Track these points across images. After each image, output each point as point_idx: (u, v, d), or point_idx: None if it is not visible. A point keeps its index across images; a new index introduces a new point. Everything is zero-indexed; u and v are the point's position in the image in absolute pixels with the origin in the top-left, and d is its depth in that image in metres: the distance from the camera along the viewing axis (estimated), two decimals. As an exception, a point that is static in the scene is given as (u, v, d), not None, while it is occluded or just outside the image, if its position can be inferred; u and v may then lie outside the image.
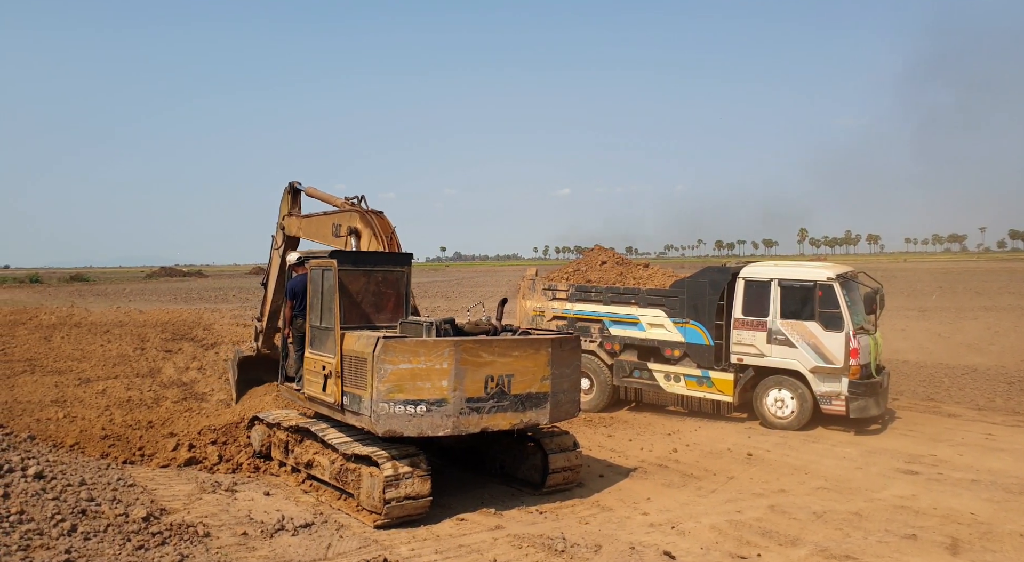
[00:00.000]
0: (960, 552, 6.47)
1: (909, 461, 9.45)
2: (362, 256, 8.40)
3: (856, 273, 11.91)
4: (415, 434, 7.09)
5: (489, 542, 6.62)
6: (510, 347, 7.50)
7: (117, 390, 13.19)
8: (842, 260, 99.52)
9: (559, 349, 7.79)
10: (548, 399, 7.66)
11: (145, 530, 6.03)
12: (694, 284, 11.96)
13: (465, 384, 7.14)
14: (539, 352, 7.62)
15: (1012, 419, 11.85)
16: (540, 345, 7.66)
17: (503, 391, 7.36)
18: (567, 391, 7.94)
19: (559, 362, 7.76)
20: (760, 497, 8.05)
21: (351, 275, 8.06)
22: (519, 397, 7.48)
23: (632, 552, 6.35)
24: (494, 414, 7.33)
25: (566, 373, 7.90)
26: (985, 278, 52.85)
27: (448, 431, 7.13)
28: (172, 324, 25.95)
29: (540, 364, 7.60)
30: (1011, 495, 8.03)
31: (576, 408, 8.18)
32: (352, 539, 6.57)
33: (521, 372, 7.47)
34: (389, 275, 8.41)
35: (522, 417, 7.53)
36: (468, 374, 7.15)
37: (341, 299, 7.85)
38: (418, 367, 7.01)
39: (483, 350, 7.30)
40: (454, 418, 7.11)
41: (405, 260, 8.56)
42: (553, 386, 7.70)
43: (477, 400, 7.22)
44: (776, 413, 11.30)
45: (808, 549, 6.51)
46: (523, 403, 7.51)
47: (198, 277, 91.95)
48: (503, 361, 7.37)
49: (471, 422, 7.23)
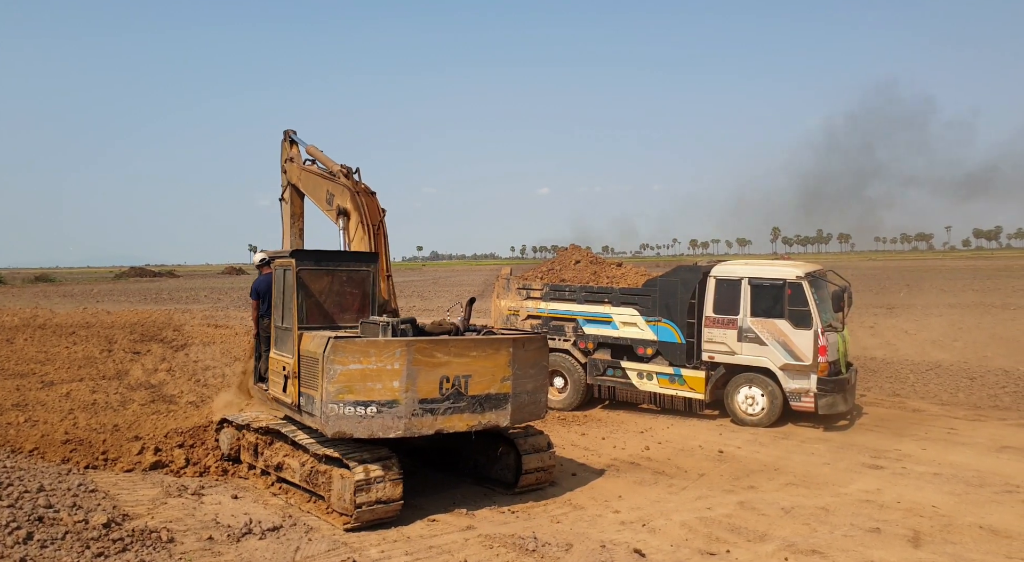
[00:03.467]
0: (922, 544, 6.61)
1: (875, 456, 9.62)
2: (324, 255, 8.24)
3: (825, 271, 12.10)
4: (365, 436, 6.95)
5: (460, 543, 6.59)
6: (467, 347, 7.32)
7: (82, 393, 12.90)
8: (812, 258, 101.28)
9: (521, 349, 7.62)
10: (509, 400, 7.49)
11: (105, 537, 5.89)
12: (666, 283, 12.05)
13: (418, 385, 6.97)
14: (499, 352, 7.46)
15: (973, 413, 12.14)
16: (500, 345, 7.49)
17: (460, 392, 7.19)
18: (532, 392, 7.78)
19: (522, 362, 7.61)
20: (730, 494, 8.13)
21: (313, 274, 7.93)
22: (477, 398, 7.31)
23: (603, 550, 6.37)
24: (450, 415, 7.16)
25: (530, 374, 7.74)
26: (950, 276, 54.13)
27: (399, 433, 6.96)
28: (141, 325, 25.52)
29: (500, 365, 7.43)
30: (971, 488, 8.23)
31: (543, 409, 8.05)
32: (321, 542, 6.49)
33: (479, 373, 7.30)
34: (354, 274, 8.28)
35: (480, 418, 7.36)
36: (421, 375, 6.98)
37: (303, 299, 7.76)
38: (368, 368, 6.86)
39: (438, 350, 7.12)
40: (406, 420, 6.95)
41: (371, 259, 8.44)
42: (515, 387, 7.54)
43: (431, 401, 7.05)
44: (747, 410, 11.44)
45: (776, 544, 6.59)
46: (482, 404, 7.34)
47: (169, 277, 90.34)
48: (459, 362, 7.20)
49: (425, 424, 7.04)
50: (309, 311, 7.84)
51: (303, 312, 7.77)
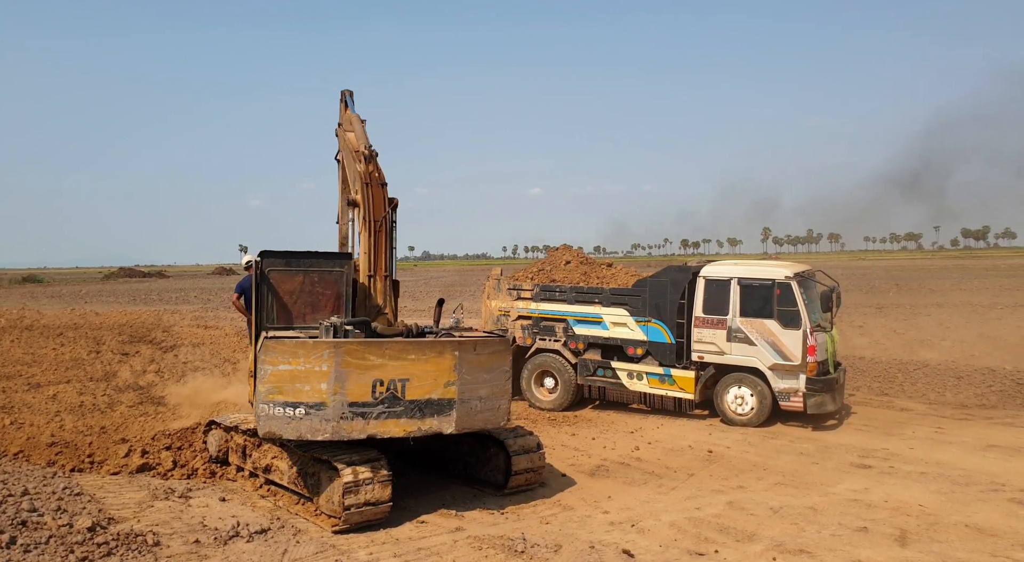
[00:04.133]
0: (909, 543, 6.65)
1: (863, 455, 9.68)
2: (295, 255, 8.20)
3: (813, 271, 12.16)
4: (294, 437, 6.92)
5: (449, 544, 6.58)
6: (404, 350, 7.05)
7: (69, 395, 12.80)
8: (803, 258, 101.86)
9: (471, 353, 7.28)
10: (454, 406, 7.17)
11: (90, 540, 5.83)
12: (656, 283, 12.08)
13: (347, 388, 6.80)
14: (442, 356, 7.14)
15: (960, 413, 12.23)
16: (443, 348, 7.18)
17: (396, 396, 6.96)
18: (487, 398, 7.41)
19: (472, 367, 7.27)
20: (719, 494, 8.16)
21: (282, 275, 7.94)
22: (416, 403, 7.04)
23: (592, 551, 6.37)
24: (384, 420, 6.96)
25: (484, 379, 7.38)
26: (939, 275, 54.56)
27: (327, 436, 6.85)
28: (130, 326, 25.36)
29: (443, 368, 7.12)
30: (957, 486, 8.29)
31: (503, 416, 7.64)
32: (309, 544, 6.46)
33: (418, 376, 7.04)
34: (326, 275, 8.20)
35: (420, 424, 7.10)
36: (351, 377, 6.82)
37: (272, 299, 7.80)
38: (297, 369, 6.78)
39: (370, 353, 6.91)
40: (334, 423, 6.80)
41: (344, 259, 8.32)
42: (462, 392, 7.21)
43: (362, 405, 6.86)
44: (736, 410, 11.48)
45: (764, 544, 6.62)
46: (422, 409, 7.06)
47: (159, 278, 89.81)
48: (395, 365, 6.97)
49: (355, 428, 6.87)
50: (280, 312, 7.82)
51: (273, 312, 7.79)
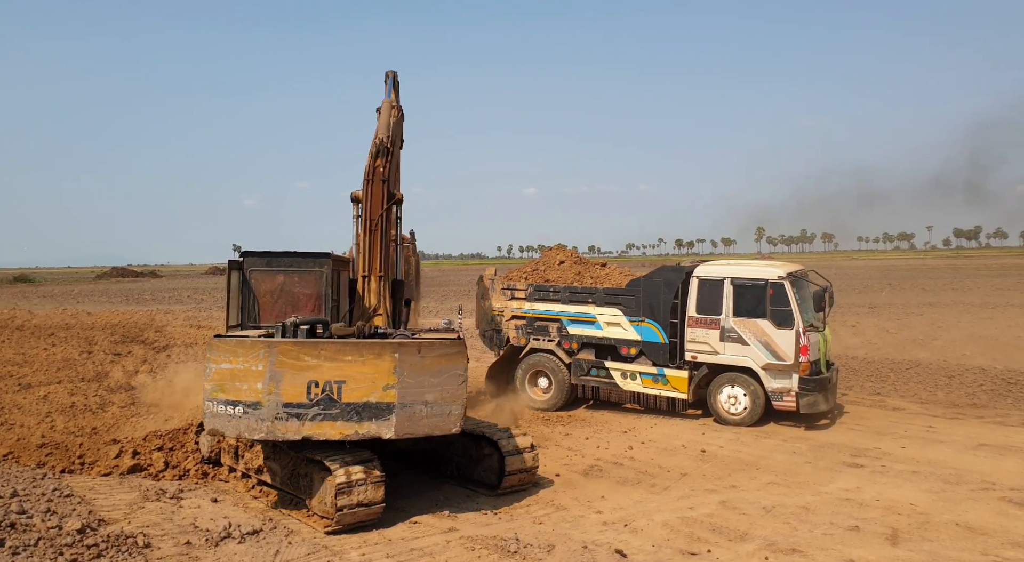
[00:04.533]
0: (900, 542, 6.67)
1: (855, 454, 9.71)
2: (275, 256, 8.27)
3: (806, 271, 12.19)
4: (234, 436, 7.03)
5: (442, 545, 6.57)
6: (340, 351, 6.91)
7: (60, 396, 12.72)
8: (796, 258, 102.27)
9: (415, 355, 7.04)
10: (394, 410, 6.94)
11: (79, 542, 5.80)
12: (649, 283, 12.09)
13: (282, 388, 6.77)
14: (380, 358, 6.94)
15: (951, 412, 12.29)
16: (381, 350, 6.98)
17: (332, 398, 6.83)
18: (434, 403, 7.13)
19: (415, 370, 7.03)
20: (712, 493, 8.17)
21: (263, 275, 8.02)
22: (353, 406, 6.87)
23: (585, 551, 6.37)
24: (319, 422, 6.84)
25: (432, 382, 7.12)
26: (931, 275, 54.87)
27: (262, 436, 6.88)
28: (122, 326, 25.24)
29: (382, 371, 6.91)
30: (948, 485, 8.33)
31: (453, 422, 7.26)
32: (301, 545, 6.44)
33: (355, 379, 6.88)
34: (306, 275, 8.21)
35: (358, 428, 6.91)
36: (286, 378, 6.78)
37: (253, 299, 7.89)
38: (237, 367, 6.83)
39: (305, 353, 6.83)
40: (268, 423, 6.80)
41: (322, 259, 8.26)
42: (403, 396, 6.97)
43: (297, 406, 6.79)
44: (729, 410, 11.50)
45: (756, 543, 6.63)
46: (359, 413, 6.89)
47: (152, 277, 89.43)
48: (331, 366, 6.84)
49: (289, 429, 6.82)
50: (262, 311, 7.90)
51: (256, 312, 7.91)
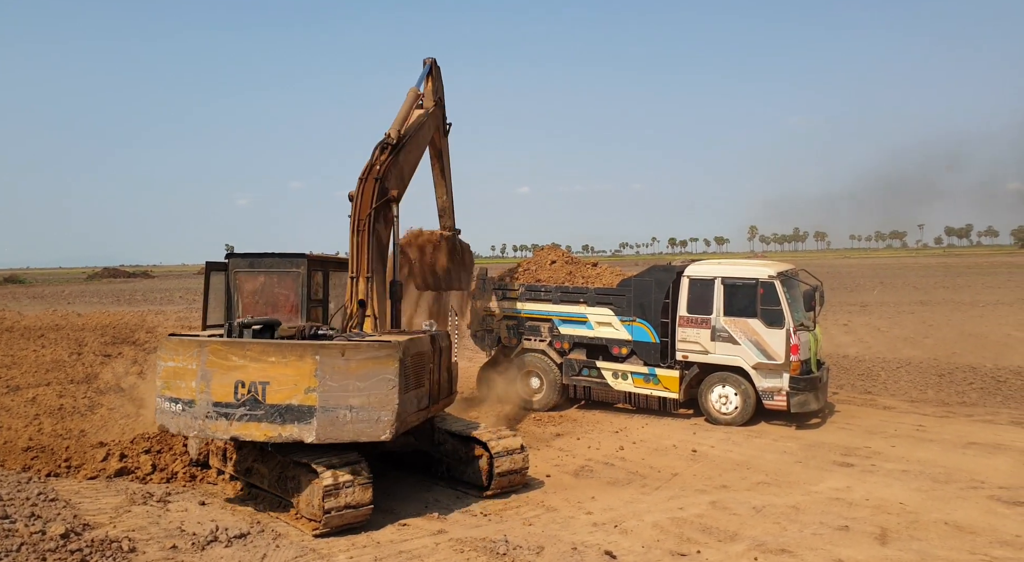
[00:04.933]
0: (889, 542, 6.68)
1: (845, 454, 9.73)
2: (257, 257, 8.39)
3: (796, 271, 12.21)
4: (175, 432, 7.21)
5: (431, 547, 6.53)
6: (264, 352, 6.85)
7: (49, 398, 12.62)
8: (789, 256, 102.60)
9: (337, 358, 6.83)
10: (315, 414, 6.76)
11: (63, 547, 5.73)
12: (640, 283, 12.09)
13: (212, 387, 6.87)
14: (302, 360, 6.79)
15: (941, 410, 12.34)
16: (303, 352, 6.84)
17: (256, 399, 6.79)
18: (360, 408, 6.88)
19: (339, 373, 6.83)
20: (702, 493, 8.17)
21: (247, 275, 8.19)
22: (277, 408, 6.78)
23: (574, 553, 6.35)
24: (246, 423, 6.83)
25: (357, 386, 6.87)
26: (922, 273, 55.11)
27: (195, 433, 7.09)
28: (113, 327, 25.06)
29: (303, 373, 6.77)
30: (937, 484, 8.35)
31: (382, 429, 6.94)
32: (289, 549, 6.39)
33: (279, 380, 6.79)
34: (285, 276, 8.28)
35: (281, 430, 6.79)
36: (215, 377, 6.86)
37: (238, 299, 8.09)
38: (178, 366, 7.04)
39: (233, 353, 6.86)
40: (200, 421, 6.92)
41: (298, 260, 8.30)
42: (324, 400, 6.78)
43: (226, 405, 6.84)
44: (720, 409, 11.51)
45: (746, 544, 6.63)
46: (282, 415, 6.79)
47: (144, 278, 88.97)
48: (256, 366, 6.81)
49: (219, 428, 6.90)
50: (245, 311, 8.04)
51: (239, 312, 8.05)
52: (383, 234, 8.78)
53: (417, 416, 7.65)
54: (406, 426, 7.35)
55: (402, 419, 7.12)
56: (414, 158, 9.98)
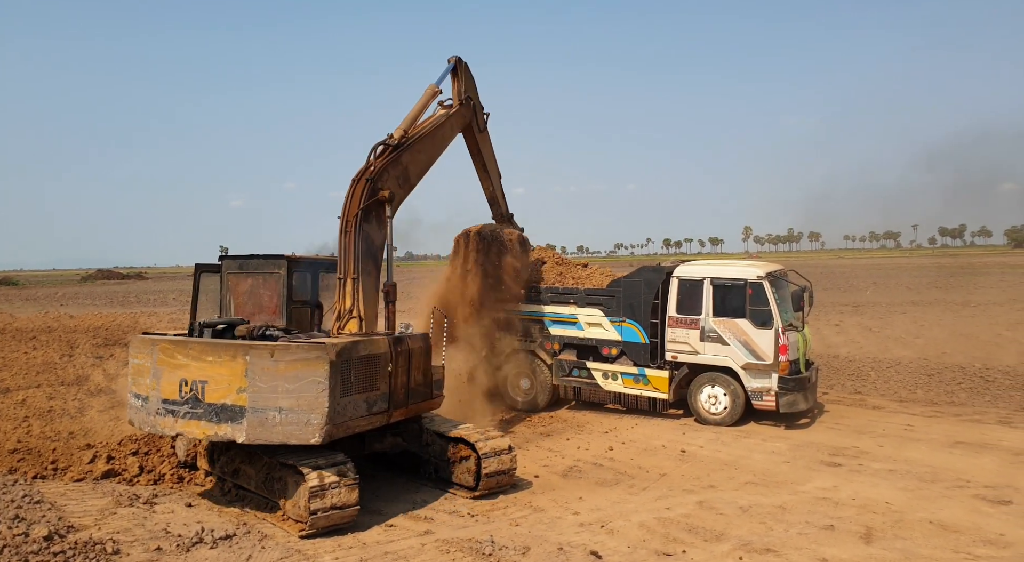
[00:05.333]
0: (873, 541, 6.71)
1: (833, 453, 9.76)
2: (245, 259, 8.56)
3: (785, 271, 12.24)
4: (137, 426, 7.57)
5: (417, 548, 6.54)
6: (203, 351, 7.04)
7: (38, 400, 12.58)
8: (784, 257, 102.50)
9: (266, 359, 6.81)
10: (245, 414, 6.81)
11: (46, 550, 5.72)
12: (630, 283, 12.11)
13: (161, 385, 7.20)
14: (234, 360, 6.87)
15: (930, 410, 12.39)
16: (235, 352, 6.90)
17: (197, 398, 6.99)
18: (289, 410, 6.80)
19: (268, 375, 6.80)
20: (690, 493, 8.19)
21: (236, 277, 8.38)
22: (214, 407, 6.92)
23: (560, 553, 6.37)
24: (189, 420, 7.03)
25: (286, 388, 6.81)
26: (916, 273, 55.29)
27: (149, 429, 7.39)
28: (105, 329, 24.99)
29: (235, 373, 6.84)
30: (923, 483, 8.39)
31: (311, 433, 6.81)
32: (274, 550, 6.39)
33: (215, 379, 6.93)
34: (268, 277, 8.36)
35: (216, 429, 6.91)
36: (164, 375, 7.17)
37: (230, 300, 8.25)
38: (141, 363, 7.40)
39: (178, 352, 7.13)
40: (152, 416, 7.26)
41: (279, 261, 8.40)
42: (255, 401, 6.80)
43: (172, 402, 7.13)
44: (710, 409, 11.53)
45: (732, 544, 6.65)
46: (218, 414, 6.91)
47: (138, 280, 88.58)
48: (196, 366, 7.02)
49: (167, 424, 7.20)
50: (236, 312, 8.21)
51: (231, 313, 8.23)
52: (374, 235, 8.75)
53: (369, 421, 7.46)
54: (348, 431, 7.19)
55: (336, 423, 6.97)
56: (426, 158, 9.90)
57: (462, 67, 11.10)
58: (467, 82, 11.21)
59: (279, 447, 7.13)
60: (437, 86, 10.41)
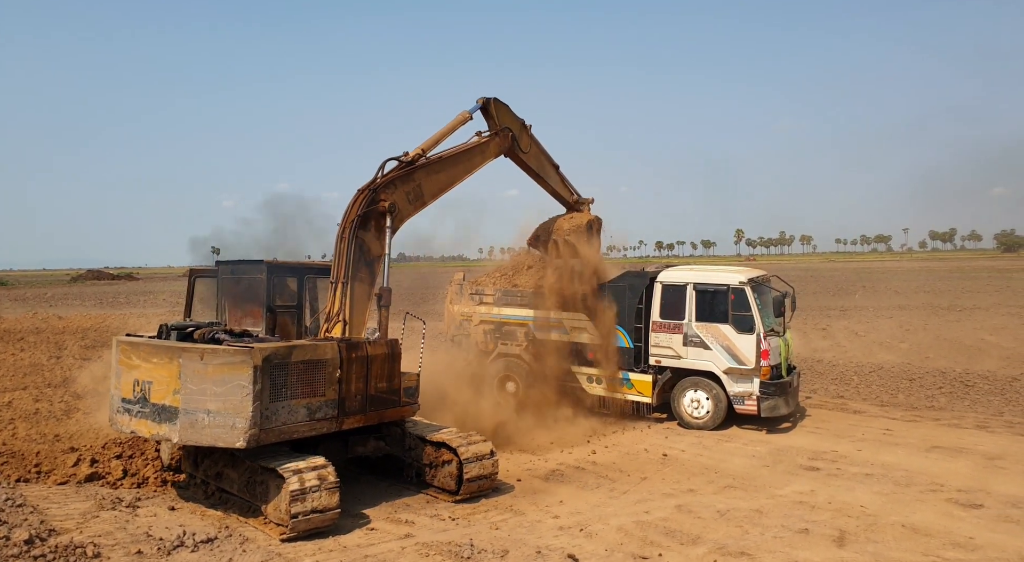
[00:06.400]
0: (846, 544, 6.84)
1: (812, 457, 9.90)
2: (236, 264, 8.84)
3: (768, 277, 12.39)
4: (110, 423, 7.93)
5: (397, 551, 6.61)
6: (150, 353, 7.32)
7: (25, 402, 12.59)
8: (775, 260, 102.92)
9: (196, 362, 6.92)
10: (179, 415, 6.95)
11: (26, 553, 5.77)
12: (614, 288, 12.22)
13: (120, 384, 7.59)
14: (171, 362, 7.06)
15: (910, 414, 12.56)
16: (172, 355, 7.09)
17: (145, 398, 7.30)
18: (217, 413, 6.86)
19: (197, 377, 6.90)
20: (669, 497, 8.29)
21: (229, 281, 8.66)
22: (156, 407, 7.19)
23: (538, 556, 6.46)
24: (140, 419, 7.37)
25: (214, 391, 6.86)
26: (905, 277, 55.75)
27: (113, 426, 7.80)
28: (94, 330, 24.97)
29: (172, 375, 7.05)
30: (899, 487, 8.53)
31: (237, 436, 6.84)
32: (255, 553, 6.45)
33: (159, 381, 7.20)
34: (253, 281, 8.56)
35: (158, 429, 7.14)
36: (123, 375, 7.56)
37: (225, 303, 8.50)
38: (111, 364, 7.95)
39: (133, 353, 7.47)
40: (114, 414, 7.75)
41: (259, 265, 8.59)
42: (187, 402, 6.92)
43: (128, 402, 7.50)
44: (692, 413, 11.66)
45: (707, 547, 6.76)
46: (159, 414, 7.11)
47: (128, 280, 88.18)
48: (145, 367, 7.33)
49: (124, 422, 7.57)
50: (230, 315, 8.49)
51: (225, 316, 8.51)
52: (371, 243, 8.81)
53: (312, 427, 7.41)
54: (282, 436, 7.16)
55: (265, 428, 6.95)
56: (447, 179, 10.02)
57: (492, 105, 10.96)
58: (502, 115, 11.13)
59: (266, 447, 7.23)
60: (470, 114, 10.51)
